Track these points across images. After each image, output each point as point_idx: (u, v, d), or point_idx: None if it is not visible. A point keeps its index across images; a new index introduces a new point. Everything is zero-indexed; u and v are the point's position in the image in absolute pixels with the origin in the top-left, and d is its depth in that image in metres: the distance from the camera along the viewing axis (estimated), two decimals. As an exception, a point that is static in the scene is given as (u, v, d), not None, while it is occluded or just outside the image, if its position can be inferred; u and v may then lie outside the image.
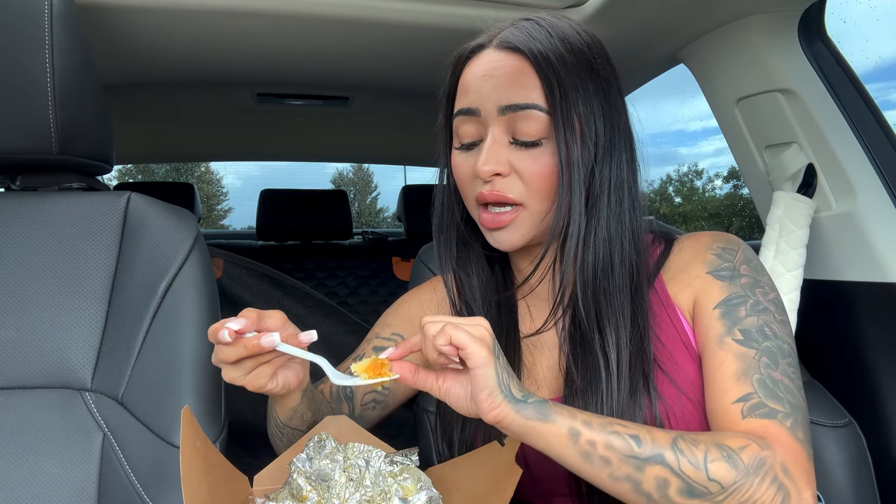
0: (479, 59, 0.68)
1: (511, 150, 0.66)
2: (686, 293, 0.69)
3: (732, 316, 0.65)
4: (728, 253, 0.70)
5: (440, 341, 0.54)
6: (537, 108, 0.64)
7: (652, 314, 0.69)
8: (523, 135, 0.65)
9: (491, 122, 0.66)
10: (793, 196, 1.03)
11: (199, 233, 0.83)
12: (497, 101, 0.65)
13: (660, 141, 59.92)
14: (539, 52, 0.64)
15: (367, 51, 1.18)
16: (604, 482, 0.55)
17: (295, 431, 0.71)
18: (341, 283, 2.38)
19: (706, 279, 0.68)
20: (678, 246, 0.73)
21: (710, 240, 0.72)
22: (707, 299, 0.67)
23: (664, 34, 1.11)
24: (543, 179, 0.65)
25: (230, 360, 0.58)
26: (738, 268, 0.68)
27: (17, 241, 0.78)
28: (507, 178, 0.66)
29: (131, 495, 0.72)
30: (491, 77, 0.66)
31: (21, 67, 0.74)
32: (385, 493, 0.60)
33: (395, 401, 0.83)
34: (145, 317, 0.77)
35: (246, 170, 54.29)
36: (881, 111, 1.01)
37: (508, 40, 0.66)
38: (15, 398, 0.74)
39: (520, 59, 0.65)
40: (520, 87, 0.64)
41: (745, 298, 0.66)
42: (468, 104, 0.68)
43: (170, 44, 1.12)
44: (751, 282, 0.67)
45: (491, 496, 0.59)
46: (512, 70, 0.65)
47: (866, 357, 0.98)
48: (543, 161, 0.65)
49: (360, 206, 29.24)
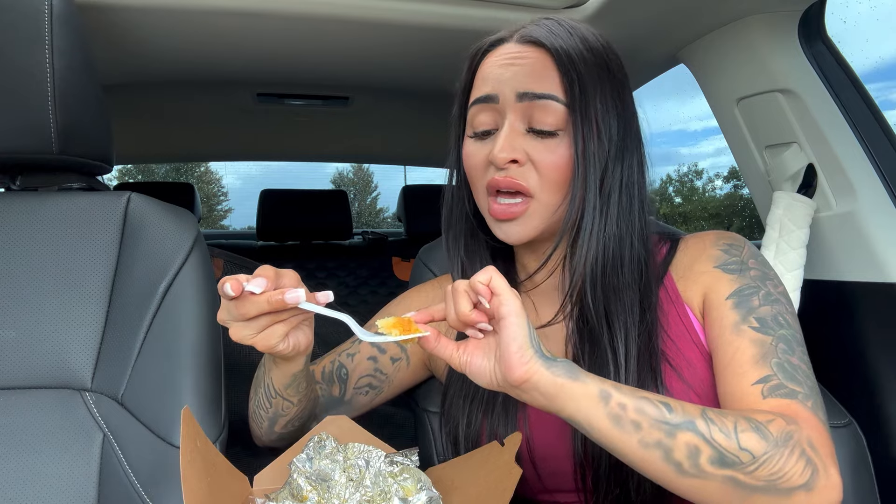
0: (498, 50, 0.69)
1: (527, 139, 0.66)
2: (694, 289, 0.70)
3: (746, 305, 0.65)
4: (734, 249, 0.70)
5: (481, 277, 0.54)
6: (556, 99, 0.65)
7: (661, 310, 0.69)
8: (541, 123, 0.65)
9: (508, 109, 0.66)
10: (793, 196, 1.03)
11: (199, 233, 0.83)
12: (515, 87, 0.65)
13: (660, 141, 59.99)
14: (560, 47, 0.65)
15: (367, 51, 1.18)
16: (632, 449, 0.53)
17: (285, 403, 0.70)
18: (341, 283, 2.38)
19: (714, 273, 0.69)
20: (684, 245, 0.74)
21: (715, 237, 0.73)
22: (718, 291, 0.68)
23: (664, 34, 1.11)
24: (559, 171, 0.65)
25: (250, 315, 0.56)
26: (746, 261, 0.69)
27: (17, 241, 0.78)
28: (523, 168, 0.66)
29: (131, 495, 0.72)
30: (511, 65, 0.66)
31: (21, 67, 0.74)
32: (385, 493, 0.60)
33: (389, 389, 0.83)
34: (145, 317, 0.77)
35: (246, 170, 54.28)
36: (881, 111, 1.01)
37: (530, 34, 0.67)
38: (15, 398, 0.74)
39: (541, 52, 0.66)
40: (540, 77, 0.65)
41: (756, 289, 0.66)
42: (486, 91, 0.68)
43: (170, 43, 1.12)
44: (760, 274, 0.68)
45: (491, 496, 0.59)
46: (533, 61, 0.66)
47: (866, 357, 0.98)
48: (560, 152, 0.65)
49: (360, 206, 29.24)
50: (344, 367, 0.81)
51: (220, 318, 0.60)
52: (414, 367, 0.84)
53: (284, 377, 0.67)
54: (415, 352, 0.83)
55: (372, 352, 0.81)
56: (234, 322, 0.58)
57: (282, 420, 0.73)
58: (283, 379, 0.68)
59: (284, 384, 0.68)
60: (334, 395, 0.81)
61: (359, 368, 0.81)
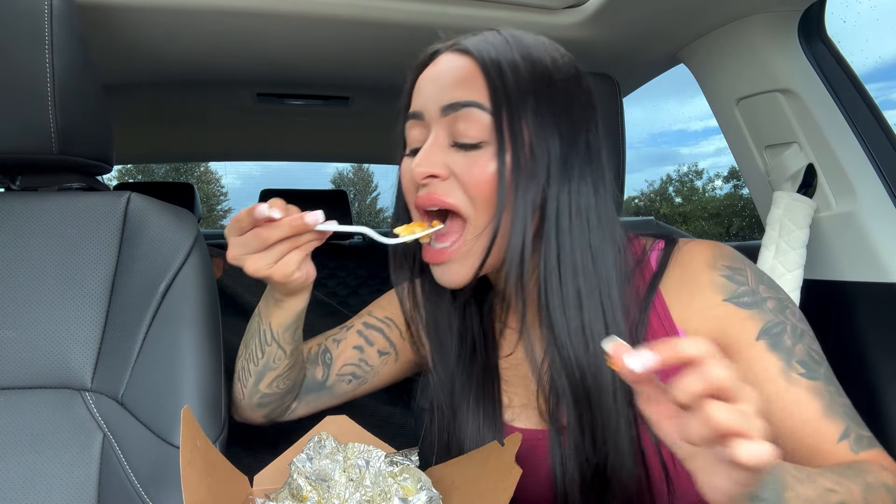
0: (434, 63, 0.66)
1: (450, 153, 0.62)
2: (699, 321, 0.64)
3: (781, 347, 0.62)
4: (738, 274, 0.65)
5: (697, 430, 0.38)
6: (478, 106, 0.60)
7: (651, 332, 0.65)
8: (464, 136, 0.61)
9: (433, 123, 0.63)
10: (793, 196, 1.03)
11: (199, 233, 0.83)
12: (440, 101, 0.62)
13: (660, 141, 59.87)
14: (488, 55, 0.62)
15: (367, 51, 1.18)
16: None
17: (279, 352, 0.71)
18: (341, 283, 2.38)
19: (727, 308, 0.63)
20: (677, 254, 0.68)
21: (710, 256, 0.66)
22: (741, 331, 0.63)
23: (664, 34, 1.11)
24: (482, 185, 0.60)
25: (271, 241, 0.57)
26: (757, 290, 0.64)
27: (17, 241, 0.78)
28: (446, 182, 0.62)
29: (131, 495, 0.72)
30: (437, 79, 0.64)
31: (21, 67, 0.74)
32: (385, 493, 0.60)
33: (374, 381, 0.82)
34: (145, 317, 0.77)
35: (246, 170, 54.34)
36: (881, 111, 1.02)
37: (462, 44, 0.64)
38: (15, 398, 0.74)
39: (468, 60, 0.63)
40: (464, 86, 0.61)
41: (782, 325, 0.63)
42: (415, 107, 0.66)
43: (170, 44, 1.12)
44: (777, 304, 0.64)
45: (491, 496, 0.59)
46: (458, 70, 0.62)
47: (866, 357, 0.97)
48: (482, 164, 0.60)
49: (360, 206, 29.24)
50: (329, 352, 0.80)
51: (233, 255, 0.60)
52: (402, 363, 0.83)
53: (287, 316, 0.68)
54: (404, 349, 0.82)
55: (358, 341, 0.80)
56: (250, 255, 0.59)
57: (270, 375, 0.74)
58: (284, 319, 0.68)
59: (285, 325, 0.69)
60: (317, 377, 0.80)
61: (343, 355, 0.80)
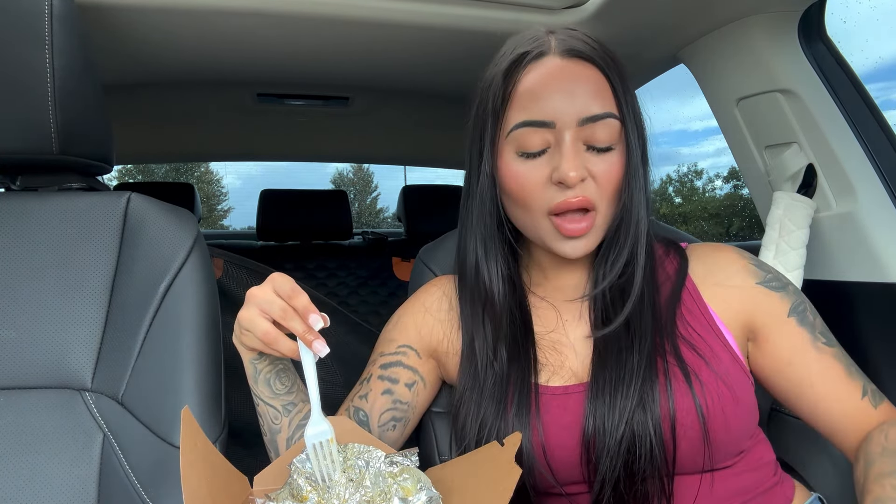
0: (541, 65, 0.67)
1: (587, 156, 0.67)
2: (737, 299, 0.73)
3: (807, 321, 0.72)
4: (763, 265, 0.75)
5: None
6: (614, 116, 0.67)
7: (684, 306, 0.72)
8: (599, 141, 0.66)
9: (566, 130, 0.66)
10: (793, 196, 1.03)
11: (199, 233, 0.83)
12: (577, 114, 0.65)
13: (661, 140, 59.81)
14: (604, 60, 0.68)
15: (368, 51, 1.18)
16: None
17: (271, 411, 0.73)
18: (341, 283, 2.38)
19: (760, 290, 0.73)
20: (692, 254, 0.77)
21: (734, 250, 0.76)
22: (775, 310, 0.72)
23: (664, 34, 1.11)
24: (615, 183, 0.68)
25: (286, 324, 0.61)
26: (780, 277, 0.74)
27: (17, 241, 0.78)
28: (584, 183, 0.67)
29: (131, 495, 0.72)
30: (571, 91, 0.66)
31: (21, 67, 0.74)
32: (385, 493, 0.60)
33: (415, 414, 0.80)
34: (145, 317, 0.77)
35: (246, 170, 54.31)
36: (881, 111, 1.01)
37: (573, 47, 0.67)
38: (15, 398, 0.74)
39: (589, 67, 0.67)
40: (600, 98, 0.67)
41: (804, 304, 0.73)
42: (542, 117, 0.66)
43: (170, 43, 1.12)
44: (794, 288, 0.74)
45: (491, 496, 0.59)
46: (592, 82, 0.67)
47: (866, 357, 0.97)
48: (616, 164, 0.68)
49: (360, 206, 29.23)
50: (361, 410, 0.77)
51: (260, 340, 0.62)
52: (431, 384, 0.81)
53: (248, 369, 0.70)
54: (426, 370, 0.80)
55: (384, 385, 0.78)
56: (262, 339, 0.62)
57: (280, 440, 0.73)
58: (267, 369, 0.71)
59: (253, 378, 0.71)
60: None
61: (376, 406, 0.77)
